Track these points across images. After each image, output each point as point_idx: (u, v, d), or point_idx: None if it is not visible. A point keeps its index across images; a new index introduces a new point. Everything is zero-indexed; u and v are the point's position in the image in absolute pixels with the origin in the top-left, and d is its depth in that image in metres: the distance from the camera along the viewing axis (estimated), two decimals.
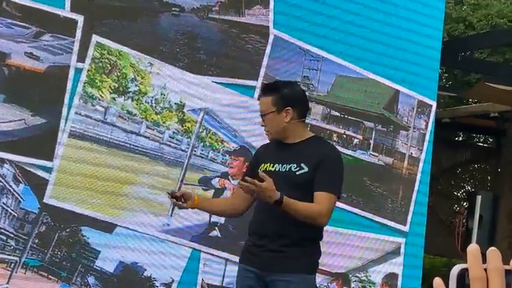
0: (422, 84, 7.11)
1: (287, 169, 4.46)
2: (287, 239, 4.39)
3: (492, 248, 1.08)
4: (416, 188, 7.03)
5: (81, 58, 5.56)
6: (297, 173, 4.42)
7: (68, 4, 5.51)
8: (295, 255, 4.39)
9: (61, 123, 5.47)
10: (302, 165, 4.42)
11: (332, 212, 4.46)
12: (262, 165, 4.57)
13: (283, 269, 4.38)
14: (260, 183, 4.16)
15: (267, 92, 4.61)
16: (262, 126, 4.61)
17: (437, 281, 1.08)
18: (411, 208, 6.97)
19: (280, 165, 4.49)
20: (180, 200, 4.48)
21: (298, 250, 4.40)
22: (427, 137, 7.15)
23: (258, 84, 6.23)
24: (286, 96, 4.53)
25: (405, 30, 6.99)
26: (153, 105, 5.83)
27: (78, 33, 5.54)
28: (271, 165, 4.52)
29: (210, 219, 5.99)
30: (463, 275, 1.07)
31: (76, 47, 5.53)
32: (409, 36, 7.02)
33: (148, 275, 5.78)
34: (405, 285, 6.88)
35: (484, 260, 1.07)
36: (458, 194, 15.47)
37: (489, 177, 15.26)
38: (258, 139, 6.19)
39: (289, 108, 4.49)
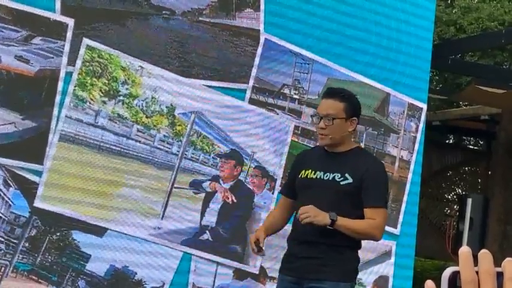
0: (413, 87, 7.12)
1: (330, 178, 4.52)
2: (324, 246, 4.47)
3: (484, 251, 1.08)
4: (407, 191, 7.04)
5: (72, 61, 5.54)
6: (341, 183, 4.49)
7: (58, 7, 5.50)
8: (331, 262, 4.46)
9: (51, 127, 5.46)
10: (346, 175, 4.49)
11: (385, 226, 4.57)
12: (303, 171, 4.65)
13: (318, 275, 4.46)
14: (307, 208, 4.33)
15: (337, 97, 4.63)
16: (322, 128, 4.57)
17: (429, 284, 1.08)
18: (402, 211, 6.98)
19: (323, 173, 4.55)
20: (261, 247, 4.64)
21: (335, 257, 4.46)
22: (418, 140, 7.16)
23: (248, 87, 6.23)
24: (355, 106, 4.67)
25: (395, 34, 7.01)
26: (144, 108, 5.82)
27: (69, 36, 5.53)
28: (313, 172, 4.60)
29: (201, 223, 5.99)
30: (454, 278, 1.07)
31: (66, 50, 5.52)
32: (399, 40, 7.03)
33: (139, 278, 5.77)
34: (396, 287, 6.89)
35: (476, 263, 1.07)
36: (449, 197, 15.50)
37: (479, 180, 15.30)
38: (249, 142, 6.20)
39: (355, 118, 4.63)
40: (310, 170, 4.61)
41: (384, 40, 6.93)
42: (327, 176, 4.51)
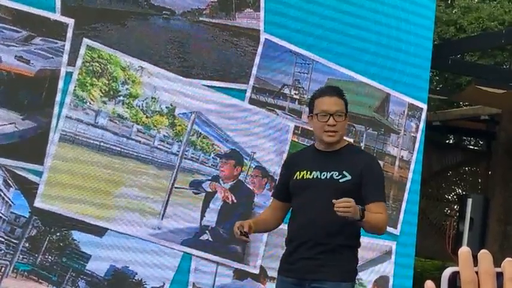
0: (413, 88, 7.12)
1: (328, 177, 4.49)
2: (324, 247, 4.44)
3: (483, 251, 1.08)
4: (407, 190, 7.04)
5: (72, 61, 5.55)
6: (340, 180, 4.45)
7: (58, 8, 5.50)
8: (331, 262, 4.43)
9: (52, 127, 5.46)
10: (344, 173, 4.46)
11: None
12: (298, 172, 4.60)
13: (318, 276, 4.42)
14: (350, 200, 4.20)
15: (339, 94, 4.63)
16: (331, 125, 4.51)
17: (429, 284, 1.08)
18: (402, 211, 6.98)
19: (319, 172, 4.52)
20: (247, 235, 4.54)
21: (335, 257, 4.43)
22: (418, 140, 7.16)
23: (248, 87, 6.23)
24: (347, 103, 4.67)
25: (396, 35, 7.01)
26: (144, 108, 5.82)
27: (69, 36, 5.53)
28: (309, 172, 4.55)
29: (201, 223, 5.99)
30: (454, 278, 1.07)
31: (66, 51, 5.52)
32: (399, 40, 7.03)
33: (140, 278, 5.77)
34: (396, 286, 6.88)
35: (476, 263, 1.07)
36: (449, 197, 15.48)
37: (480, 180, 15.27)
38: (249, 142, 6.20)
39: (347, 115, 4.64)
40: (305, 171, 4.57)
41: (384, 39, 6.93)
42: (324, 175, 4.49)
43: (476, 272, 1.06)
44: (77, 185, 5.55)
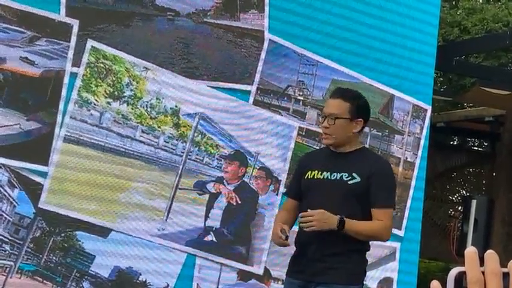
0: (417, 89, 7.11)
1: (338, 178, 4.46)
2: (332, 249, 4.40)
3: (490, 251, 1.08)
4: (412, 188, 7.03)
5: (76, 63, 5.55)
6: (349, 182, 4.42)
7: (63, 9, 5.51)
8: (338, 265, 4.39)
9: (56, 128, 5.46)
10: (354, 174, 4.42)
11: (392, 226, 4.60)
12: (309, 172, 4.57)
13: (325, 279, 4.39)
14: (312, 212, 4.25)
15: (343, 97, 4.57)
16: (325, 127, 4.50)
17: (435, 284, 1.08)
18: (406, 213, 6.97)
19: (329, 173, 4.49)
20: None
21: (342, 260, 4.40)
22: (422, 142, 7.15)
23: (253, 88, 6.23)
24: (362, 107, 4.60)
25: (400, 35, 7.00)
26: (148, 110, 5.83)
27: (73, 37, 5.53)
28: (319, 172, 4.52)
29: (205, 224, 5.99)
30: (460, 278, 1.07)
31: (71, 52, 5.53)
32: (403, 41, 7.02)
33: (144, 279, 5.77)
34: (401, 282, 6.87)
35: (482, 263, 1.07)
36: (453, 198, 15.49)
37: (484, 181, 15.29)
38: (253, 143, 6.19)
39: (361, 119, 4.56)
40: (316, 171, 4.53)
41: (388, 42, 6.91)
42: (334, 176, 4.46)
43: (483, 272, 1.06)
44: (81, 185, 5.55)
